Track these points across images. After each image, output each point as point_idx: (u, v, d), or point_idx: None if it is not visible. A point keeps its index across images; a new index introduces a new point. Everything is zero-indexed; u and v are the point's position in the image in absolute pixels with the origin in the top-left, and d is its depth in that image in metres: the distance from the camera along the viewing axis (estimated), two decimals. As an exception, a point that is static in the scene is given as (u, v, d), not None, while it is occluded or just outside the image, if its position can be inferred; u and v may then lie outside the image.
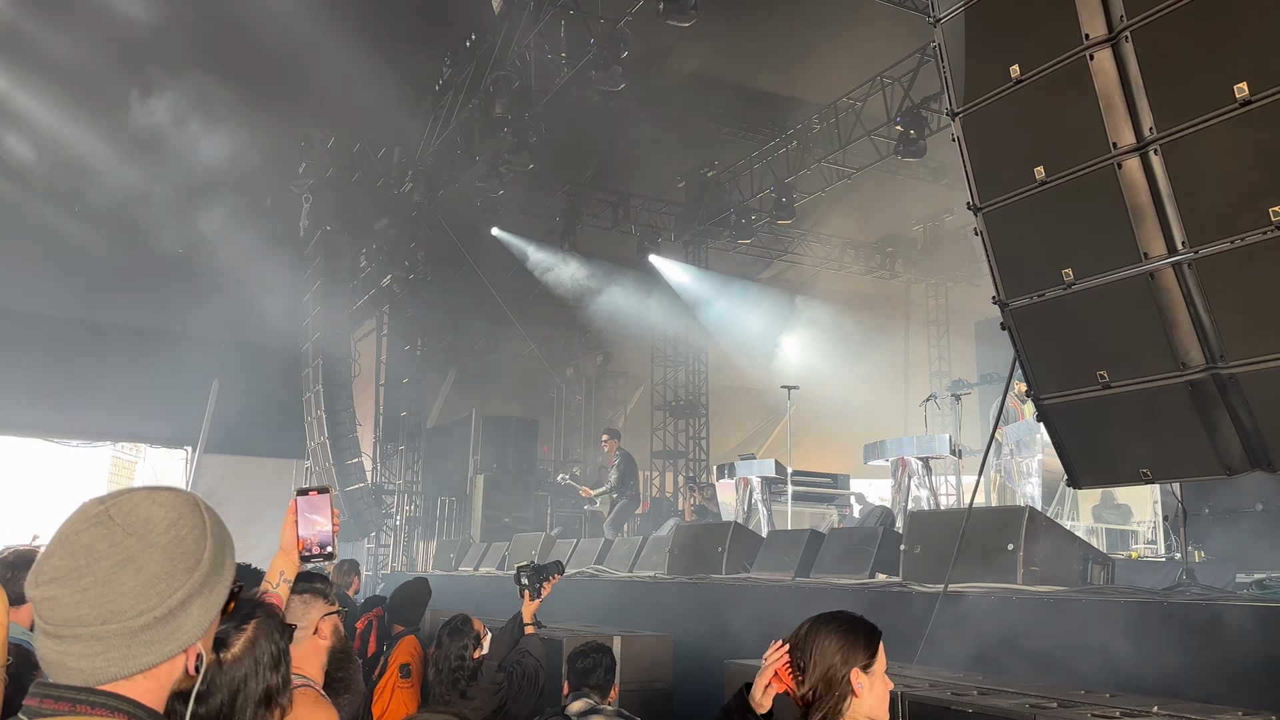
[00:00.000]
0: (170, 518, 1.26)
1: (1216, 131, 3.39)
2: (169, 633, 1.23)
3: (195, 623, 1.26)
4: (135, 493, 1.29)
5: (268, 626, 2.03)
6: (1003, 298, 4.17)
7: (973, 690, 3.79)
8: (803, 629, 2.39)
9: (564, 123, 13.86)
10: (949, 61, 4.23)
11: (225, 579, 1.33)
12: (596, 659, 4.08)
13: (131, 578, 1.20)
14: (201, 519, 1.30)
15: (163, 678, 1.26)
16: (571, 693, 3.98)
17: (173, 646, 1.24)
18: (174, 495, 1.30)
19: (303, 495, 2.43)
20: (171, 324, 17.99)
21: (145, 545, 1.23)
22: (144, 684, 1.23)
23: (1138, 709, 3.28)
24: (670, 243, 17.69)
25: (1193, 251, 3.53)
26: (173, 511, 1.27)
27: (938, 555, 5.64)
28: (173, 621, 1.23)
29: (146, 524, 1.24)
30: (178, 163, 13.94)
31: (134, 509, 1.25)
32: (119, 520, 1.24)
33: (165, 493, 1.30)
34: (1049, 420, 4.17)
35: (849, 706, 2.24)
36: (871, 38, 12.71)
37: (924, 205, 17.56)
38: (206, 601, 1.28)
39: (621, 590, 8.32)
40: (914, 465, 9.66)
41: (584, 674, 4.03)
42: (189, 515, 1.29)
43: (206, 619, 1.28)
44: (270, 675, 1.97)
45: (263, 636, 2.00)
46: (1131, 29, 3.58)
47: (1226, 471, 3.65)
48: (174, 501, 1.29)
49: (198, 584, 1.26)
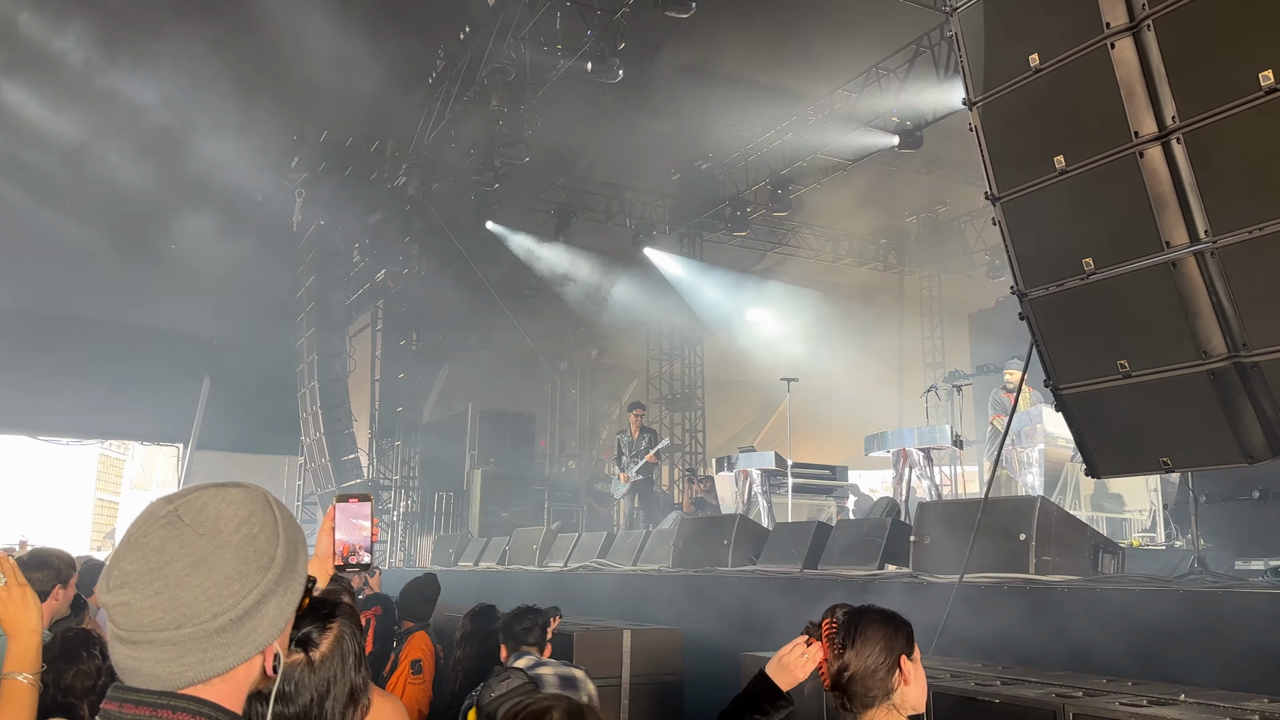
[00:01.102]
0: (241, 515, 1.23)
1: (1240, 120, 3.39)
2: (245, 634, 1.20)
3: (271, 623, 1.23)
4: (204, 491, 1.26)
5: (349, 625, 2.02)
6: (1021, 288, 4.16)
7: (995, 680, 3.80)
8: (839, 617, 2.39)
9: (559, 115, 13.81)
10: (966, 50, 4.22)
11: (299, 577, 1.30)
12: (533, 619, 4.20)
13: (204, 579, 1.17)
14: (273, 515, 1.27)
15: (241, 680, 1.23)
16: (512, 654, 4.05)
17: (250, 648, 1.21)
18: (244, 492, 1.27)
19: (343, 502, 2.31)
20: (162, 319, 17.88)
21: (217, 545, 1.20)
22: (222, 687, 1.21)
23: (1165, 697, 3.29)
24: (665, 235, 17.66)
25: (1214, 240, 3.53)
26: (243, 509, 1.24)
27: (947, 546, 5.64)
28: (249, 623, 1.20)
29: (217, 523, 1.21)
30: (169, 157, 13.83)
31: (203, 508, 1.22)
32: (189, 520, 1.20)
33: (234, 490, 1.27)
34: (1068, 409, 4.16)
35: (897, 694, 2.25)
36: (867, 29, 12.69)
37: (919, 197, 17.58)
38: (282, 601, 1.25)
39: (626, 584, 8.31)
40: (915, 456, 9.69)
41: (522, 635, 4.13)
42: (260, 512, 1.26)
43: (282, 619, 1.25)
44: (354, 674, 1.96)
45: (346, 635, 1.99)
46: (1154, 17, 3.57)
47: (1248, 459, 3.66)
48: (244, 499, 1.26)
49: (272, 583, 1.23)
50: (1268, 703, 3.25)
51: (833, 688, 2.28)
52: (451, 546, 13.12)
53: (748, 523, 8.22)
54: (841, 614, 2.41)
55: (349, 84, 13.78)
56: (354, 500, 2.30)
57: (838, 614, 2.40)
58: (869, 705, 2.26)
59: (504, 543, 11.43)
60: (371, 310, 17.62)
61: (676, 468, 17.69)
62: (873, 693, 2.25)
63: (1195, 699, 3.27)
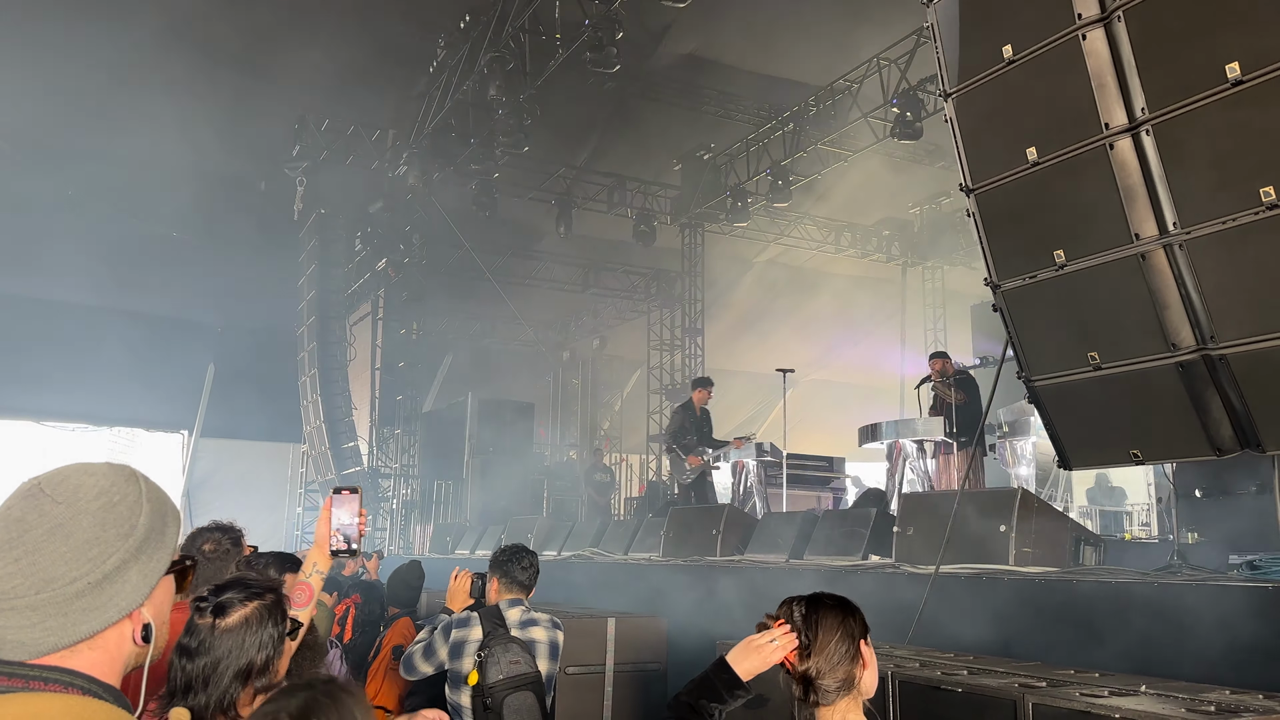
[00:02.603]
0: (101, 485, 1.26)
1: (1208, 112, 3.38)
2: (106, 599, 1.22)
3: (134, 588, 1.25)
4: (69, 466, 1.29)
5: (267, 611, 2.09)
6: (995, 280, 4.17)
7: (962, 670, 3.81)
8: (799, 607, 2.37)
9: (559, 105, 13.80)
10: (942, 42, 4.21)
11: (166, 546, 1.31)
12: (530, 561, 4.09)
13: (61, 544, 1.20)
14: (137, 487, 1.29)
15: (111, 648, 1.24)
16: (503, 592, 3.95)
17: (112, 613, 1.23)
18: (109, 466, 1.30)
19: (336, 494, 2.62)
20: (167, 308, 17.98)
21: (74, 512, 1.22)
22: (90, 655, 1.22)
23: (1126, 688, 3.30)
24: (667, 226, 17.65)
25: (1184, 232, 3.53)
26: (104, 480, 1.27)
27: (930, 537, 5.65)
28: (109, 588, 1.22)
29: (76, 492, 1.24)
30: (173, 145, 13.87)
31: (64, 480, 1.26)
32: (49, 491, 1.24)
33: (99, 465, 1.30)
34: (1040, 401, 4.17)
35: (860, 682, 2.25)
36: (868, 20, 12.64)
37: (921, 188, 17.51)
38: (145, 568, 1.26)
39: (617, 572, 8.34)
40: (908, 448, 9.68)
41: (518, 575, 4.00)
42: (122, 484, 1.28)
43: (146, 585, 1.27)
44: (255, 654, 2.02)
45: (257, 619, 2.06)
46: (1124, 9, 3.56)
47: (1216, 452, 3.66)
48: (107, 471, 1.29)
49: (133, 549, 1.25)
50: (1228, 694, 3.26)
51: (800, 679, 2.25)
52: (449, 534, 13.18)
53: (737, 513, 8.24)
54: (797, 606, 2.40)
55: (350, 73, 13.81)
56: (345, 492, 2.63)
57: (794, 606, 2.40)
58: (832, 698, 2.24)
59: (500, 531, 11.48)
60: (372, 299, 17.67)
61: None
62: (839, 681, 2.24)
63: (1155, 690, 3.28)
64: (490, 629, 3.74)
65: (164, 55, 12.56)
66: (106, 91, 13.24)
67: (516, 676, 3.60)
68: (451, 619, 3.93)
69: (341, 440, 15.65)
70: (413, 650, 4.03)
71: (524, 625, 3.83)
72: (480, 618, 3.80)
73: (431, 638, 3.94)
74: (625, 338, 20.25)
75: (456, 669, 3.76)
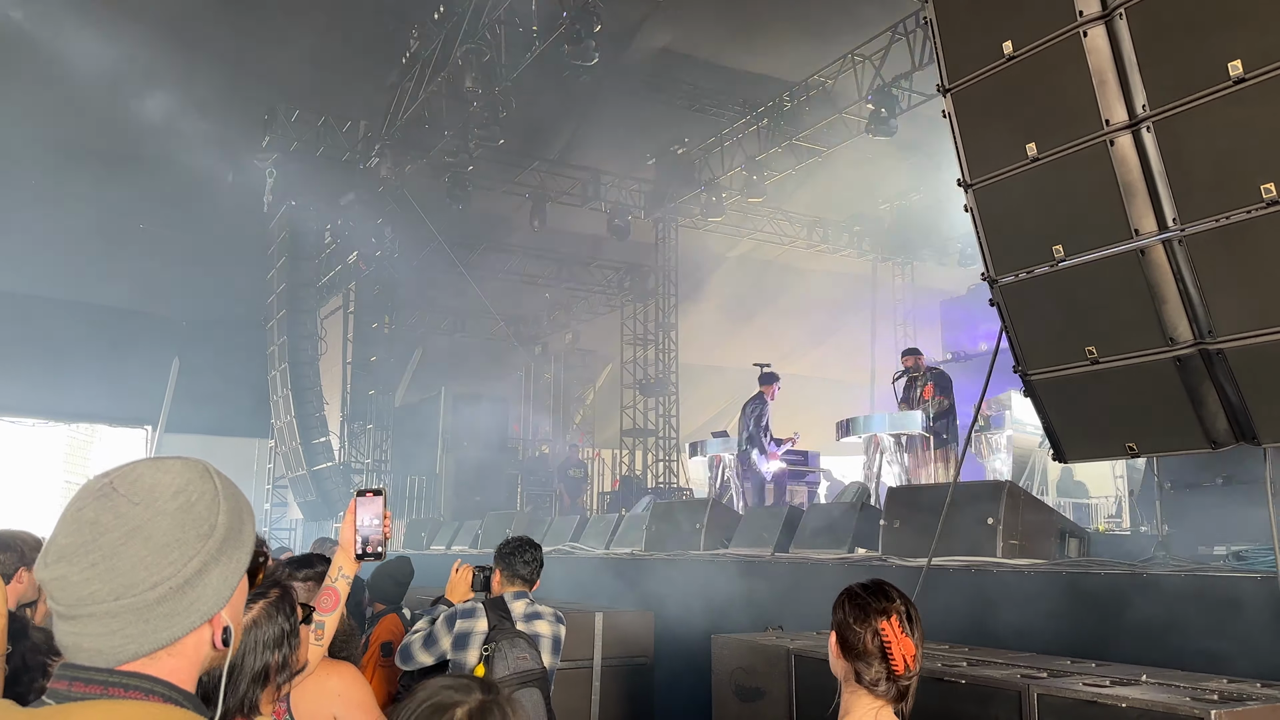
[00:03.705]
0: (177, 484, 1.21)
1: (1210, 109, 3.42)
2: (188, 604, 1.17)
3: (215, 591, 1.21)
4: (140, 463, 1.23)
5: (274, 608, 2.04)
6: (992, 274, 4.19)
7: (962, 662, 3.85)
8: (912, 608, 2.24)
9: (534, 98, 13.72)
10: (940, 37, 4.23)
11: (245, 545, 1.27)
12: (534, 555, 4.12)
13: (140, 547, 1.15)
14: (213, 484, 1.25)
15: (190, 654, 1.20)
16: (505, 585, 3.97)
17: (194, 618, 1.18)
18: (181, 463, 1.25)
19: (361, 496, 2.57)
20: (130, 300, 17.65)
21: (152, 513, 1.17)
22: (169, 662, 1.18)
23: (1127, 677, 3.34)
24: (640, 220, 17.63)
25: (1183, 228, 3.57)
26: (179, 478, 1.22)
27: (916, 530, 5.70)
28: (191, 592, 1.18)
29: (152, 492, 1.19)
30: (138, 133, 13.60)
31: (138, 479, 1.20)
32: (123, 491, 1.18)
33: (172, 460, 1.25)
34: (1036, 396, 4.21)
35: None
36: (843, 15, 12.70)
37: (892, 184, 17.65)
38: (226, 569, 1.22)
39: (599, 567, 8.33)
40: (886, 442, 9.76)
41: (520, 569, 4.04)
42: (198, 481, 1.23)
43: (228, 587, 1.23)
44: (270, 654, 1.97)
45: (266, 617, 2.01)
46: (1126, 6, 3.59)
47: (1212, 445, 3.71)
48: (181, 468, 1.23)
49: (214, 550, 1.20)
50: (1226, 683, 3.32)
51: (901, 687, 2.16)
52: (424, 530, 13.09)
53: (720, 507, 8.26)
54: (911, 606, 2.25)
55: (322, 62, 13.62)
56: (369, 494, 2.58)
57: (908, 605, 2.24)
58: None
59: (476, 526, 11.41)
60: (343, 292, 17.48)
61: (650, 453, 17.73)
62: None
63: (1156, 679, 3.33)
64: (496, 621, 3.71)
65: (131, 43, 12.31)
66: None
67: (524, 673, 3.58)
68: (455, 609, 3.88)
69: (313, 435, 15.48)
70: (411, 640, 3.97)
71: (529, 618, 3.81)
72: (485, 609, 3.77)
73: (433, 627, 3.88)
74: (598, 332, 20.23)
75: (460, 660, 3.71)
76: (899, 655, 2.12)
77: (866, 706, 2.11)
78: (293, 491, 16.93)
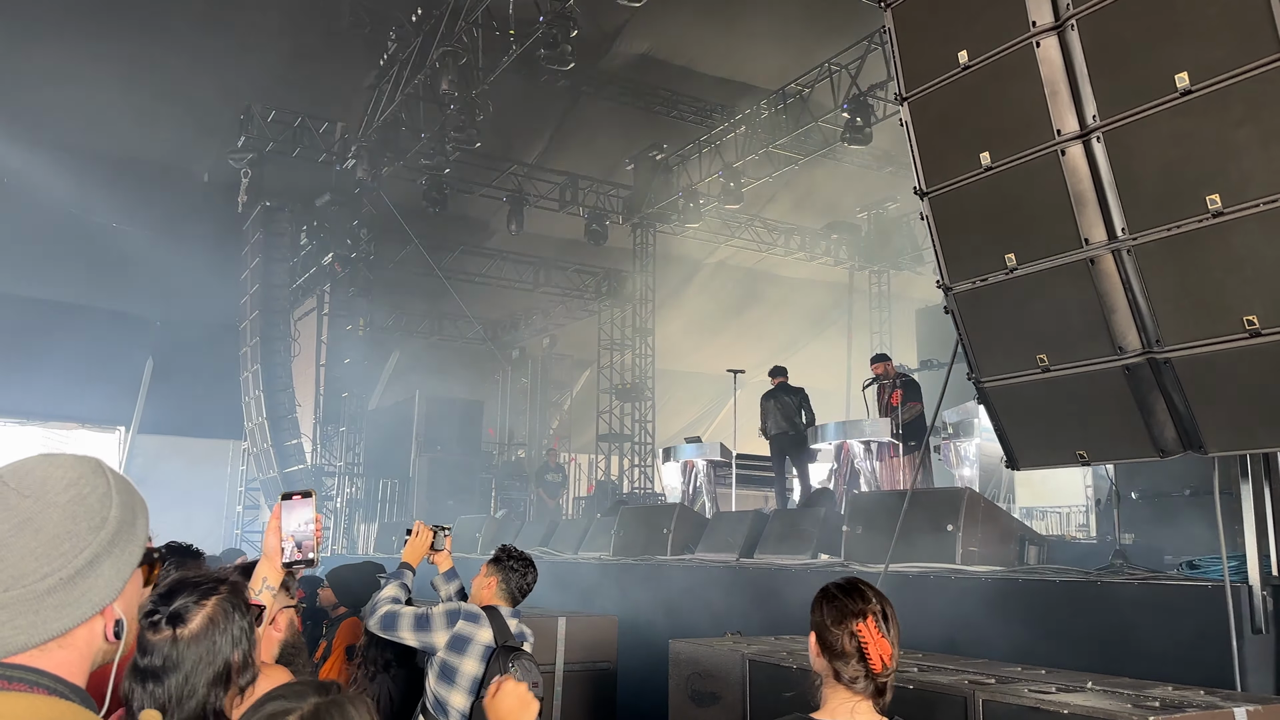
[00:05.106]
0: (69, 478, 1.22)
1: (1157, 120, 3.46)
2: (79, 595, 1.17)
3: (108, 583, 1.21)
4: (33, 458, 1.24)
5: (229, 604, 1.96)
6: (946, 282, 4.22)
7: (912, 668, 3.85)
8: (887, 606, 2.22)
9: (512, 102, 13.71)
10: (898, 46, 4.26)
11: (137, 539, 1.27)
12: (533, 578, 3.96)
13: (31, 539, 1.15)
14: (105, 479, 1.25)
15: (81, 646, 1.20)
16: (510, 610, 3.79)
17: (85, 609, 1.18)
18: (74, 458, 1.25)
19: (286, 500, 2.37)
20: (103, 300, 17.48)
21: (43, 505, 1.18)
22: (60, 654, 1.17)
23: (1073, 684, 3.36)
24: (618, 225, 17.64)
25: (1132, 238, 3.60)
26: (71, 472, 1.22)
27: (878, 536, 5.72)
28: (82, 583, 1.18)
29: (43, 485, 1.19)
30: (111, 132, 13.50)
31: (29, 472, 1.21)
32: (13, 485, 1.19)
33: (65, 456, 1.25)
34: (989, 403, 4.23)
35: None
36: (821, 25, 12.77)
37: (868, 192, 17.75)
38: (119, 561, 1.22)
39: (568, 571, 8.31)
40: (855, 448, 9.79)
41: (514, 592, 3.87)
42: (90, 475, 1.24)
43: (120, 579, 1.23)
44: (230, 653, 1.90)
45: (222, 614, 1.93)
46: (1077, 17, 3.63)
47: (1160, 453, 3.74)
48: (73, 463, 1.24)
49: (105, 542, 1.21)
50: (1171, 690, 3.34)
51: (879, 683, 2.17)
52: (395, 534, 13.01)
53: (688, 512, 8.26)
54: (871, 592, 2.23)
55: (299, 63, 13.57)
56: (297, 497, 2.37)
57: (883, 604, 2.22)
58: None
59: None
60: (318, 294, 17.38)
61: (626, 458, 17.71)
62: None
63: (1102, 686, 3.35)
64: (501, 639, 3.57)
65: (106, 39, 12.22)
66: (44, 76, 12.84)
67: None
68: (459, 607, 3.65)
69: (285, 437, 15.38)
70: (400, 611, 3.65)
71: (519, 637, 3.72)
72: (489, 621, 3.64)
73: (429, 612, 3.61)
74: (575, 337, 20.20)
75: (452, 663, 3.51)
76: (876, 655, 2.16)
77: (845, 701, 2.14)
78: (265, 493, 16.81)
